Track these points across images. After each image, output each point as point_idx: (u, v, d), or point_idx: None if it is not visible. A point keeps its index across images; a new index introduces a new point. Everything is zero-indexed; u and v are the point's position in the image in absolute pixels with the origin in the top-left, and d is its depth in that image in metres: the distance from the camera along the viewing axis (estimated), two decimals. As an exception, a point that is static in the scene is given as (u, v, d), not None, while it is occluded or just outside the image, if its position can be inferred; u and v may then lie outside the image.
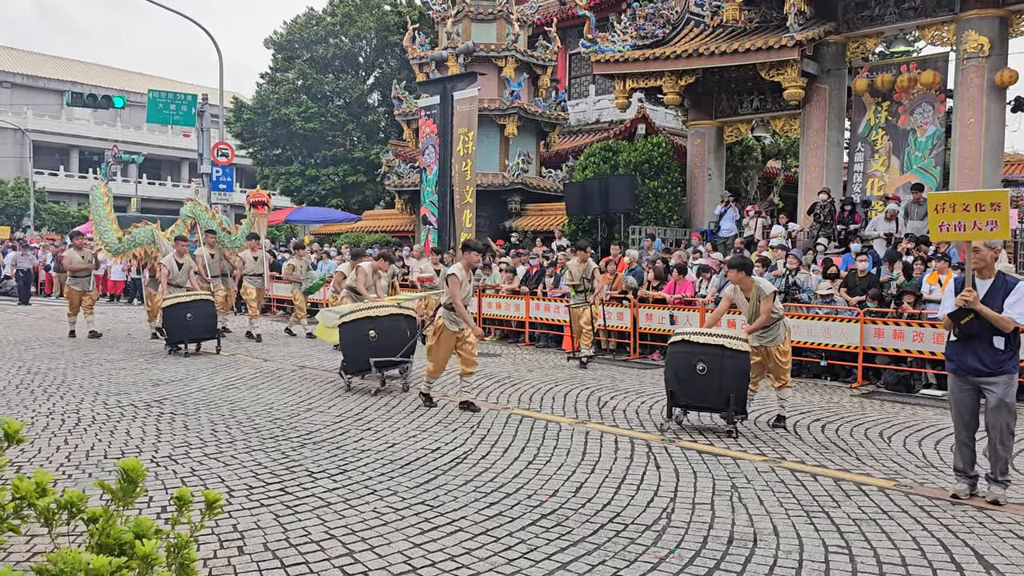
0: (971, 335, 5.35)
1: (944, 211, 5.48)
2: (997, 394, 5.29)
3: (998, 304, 5.26)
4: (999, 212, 5.25)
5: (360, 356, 9.08)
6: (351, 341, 9.13)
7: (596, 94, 28.19)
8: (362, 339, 9.01)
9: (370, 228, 28.00)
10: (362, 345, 9.02)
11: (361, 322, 9.09)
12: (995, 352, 5.29)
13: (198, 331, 12.10)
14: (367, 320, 9.10)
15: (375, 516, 4.95)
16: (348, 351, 9.24)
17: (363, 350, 9.02)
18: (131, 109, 44.72)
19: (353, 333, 9.11)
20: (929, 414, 8.77)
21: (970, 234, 5.37)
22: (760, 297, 7.59)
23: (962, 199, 5.48)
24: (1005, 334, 5.27)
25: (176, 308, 12.01)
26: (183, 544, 1.85)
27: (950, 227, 5.47)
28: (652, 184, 18.35)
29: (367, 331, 9.02)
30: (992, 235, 5.32)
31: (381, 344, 9.06)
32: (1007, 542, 4.66)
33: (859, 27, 16.03)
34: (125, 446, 6.58)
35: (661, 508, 5.20)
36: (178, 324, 11.95)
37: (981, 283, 5.40)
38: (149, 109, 23.02)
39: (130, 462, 1.91)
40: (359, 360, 9.13)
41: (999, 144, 14.87)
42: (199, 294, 12.50)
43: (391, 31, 33.44)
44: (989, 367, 5.29)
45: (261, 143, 34.99)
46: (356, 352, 9.11)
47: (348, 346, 9.20)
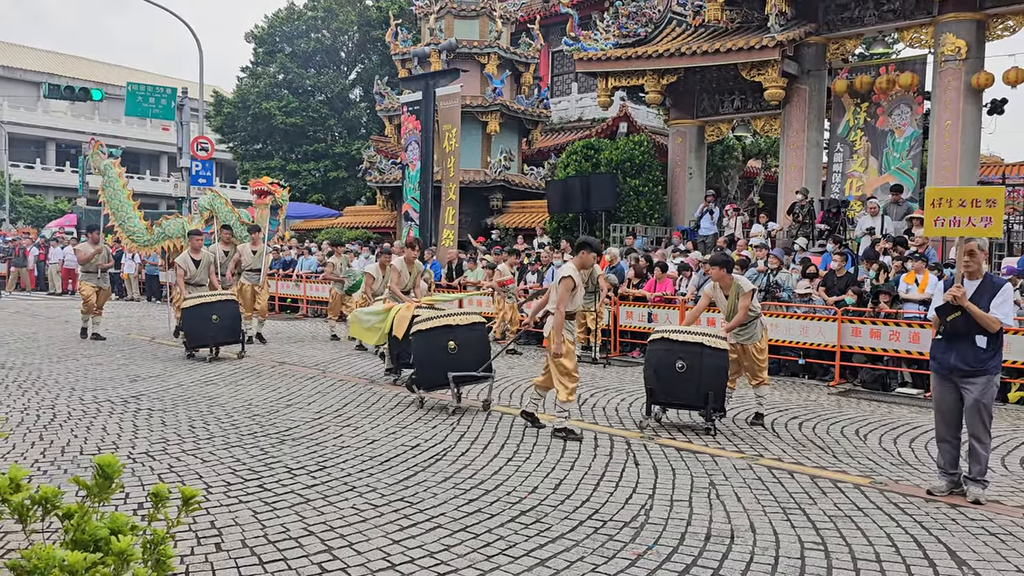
0: (955, 334, 5.41)
1: (941, 205, 5.52)
2: (974, 394, 5.36)
3: (985, 303, 5.34)
4: (994, 209, 5.31)
5: (436, 369, 7.98)
6: (426, 352, 8.03)
7: (578, 92, 28.23)
8: (439, 350, 7.96)
9: (351, 224, 27.89)
10: (439, 357, 7.94)
11: (438, 331, 8.02)
12: (977, 351, 5.36)
13: (223, 334, 11.21)
14: (445, 329, 8.04)
15: (354, 512, 4.94)
16: (422, 363, 8.09)
17: (440, 363, 7.94)
18: (109, 102, 44.26)
19: (429, 343, 7.99)
20: (904, 412, 8.88)
21: (964, 229, 5.42)
22: (739, 295, 7.66)
23: (959, 194, 5.53)
24: (988, 333, 5.35)
25: (200, 309, 11.05)
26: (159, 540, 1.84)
27: (945, 222, 5.50)
28: (633, 182, 18.42)
29: (445, 342, 7.97)
30: (986, 232, 5.36)
31: (461, 357, 8.04)
32: (979, 538, 4.73)
33: (839, 28, 16.16)
34: (101, 442, 6.52)
35: (640, 505, 5.23)
36: (201, 326, 11.05)
37: (969, 283, 5.47)
38: (128, 102, 22.78)
39: (106, 458, 1.89)
40: (435, 374, 8.03)
41: (975, 146, 15.05)
42: (223, 294, 11.65)
43: (373, 26, 33.31)
44: (971, 366, 5.37)
45: (241, 138, 34.75)
46: (432, 365, 8.00)
47: (422, 358, 8.07)
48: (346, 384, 9.59)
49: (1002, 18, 14.47)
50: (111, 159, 13.30)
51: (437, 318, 8.17)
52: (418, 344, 8.10)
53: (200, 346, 11.28)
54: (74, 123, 52.11)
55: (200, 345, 11.26)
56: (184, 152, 22.31)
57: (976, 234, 5.40)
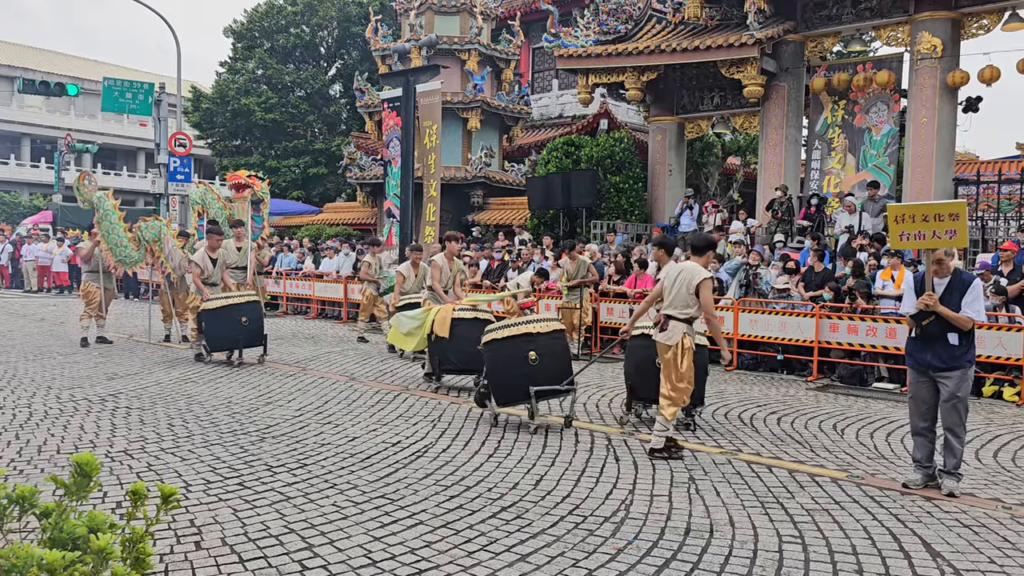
0: (929, 335, 5.52)
1: (904, 221, 5.60)
2: (950, 388, 5.44)
3: (955, 301, 5.43)
4: (958, 222, 5.39)
5: (516, 383, 7.20)
6: (503, 364, 7.24)
7: (559, 89, 28.25)
8: (519, 362, 7.17)
9: (331, 221, 27.77)
10: (520, 369, 7.16)
11: (517, 340, 7.23)
12: (951, 348, 5.45)
13: (249, 337, 10.66)
14: (525, 338, 7.24)
15: (335, 510, 4.94)
16: (498, 376, 7.30)
17: (521, 375, 7.16)
18: (85, 97, 43.75)
19: (507, 354, 7.22)
20: (881, 407, 8.98)
21: (930, 242, 5.51)
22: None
23: (921, 210, 5.61)
24: (961, 331, 5.43)
25: (225, 311, 10.43)
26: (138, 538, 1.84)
27: (910, 236, 5.59)
28: (614, 179, 18.47)
29: (525, 352, 7.19)
30: (951, 243, 5.46)
31: (544, 369, 7.23)
32: (953, 530, 4.80)
33: (817, 27, 16.29)
34: (79, 441, 6.46)
35: (620, 500, 5.26)
36: (227, 329, 10.45)
37: (939, 282, 5.56)
38: (104, 97, 22.53)
39: (84, 456, 1.89)
40: (514, 388, 7.25)
41: (951, 143, 15.22)
42: (248, 294, 11.04)
43: (353, 22, 33.16)
44: (945, 363, 5.46)
45: (220, 133, 34.48)
46: (511, 377, 7.22)
47: (499, 370, 7.28)
48: (327, 381, 9.56)
49: (977, 17, 14.64)
50: (103, 191, 12.70)
51: (515, 325, 7.34)
52: (493, 355, 7.29)
53: (223, 350, 10.73)
54: (49, 118, 51.42)
55: (224, 348, 10.70)
56: (162, 148, 22.10)
57: (942, 246, 5.49)
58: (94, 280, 12.50)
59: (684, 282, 6.41)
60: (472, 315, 9.07)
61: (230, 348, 10.72)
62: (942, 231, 5.42)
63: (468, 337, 8.63)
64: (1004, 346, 9.36)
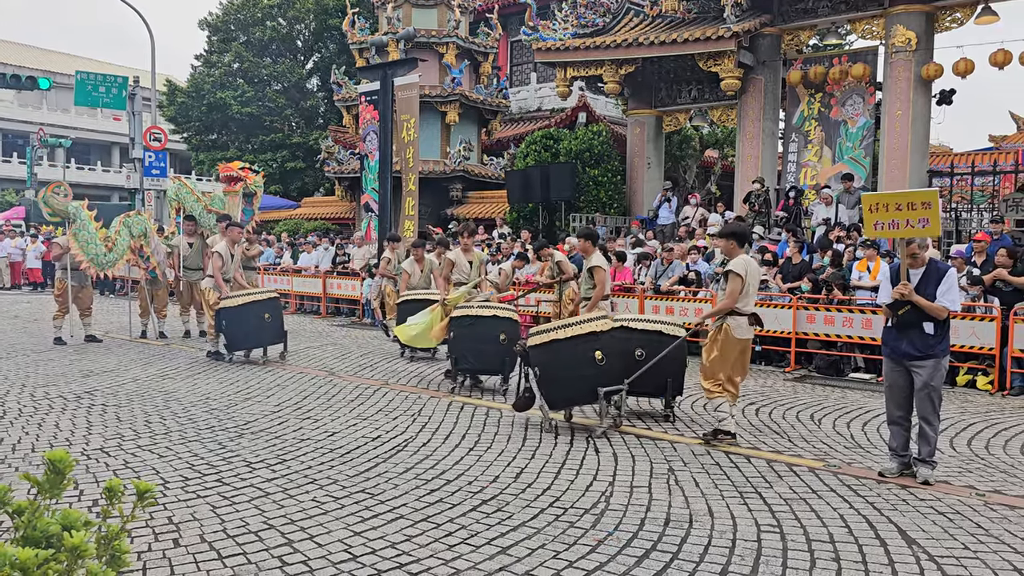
0: (906, 323, 5.57)
1: (878, 210, 5.65)
2: (923, 377, 5.51)
3: (931, 291, 5.49)
4: (930, 210, 5.44)
5: (578, 385, 6.83)
6: (564, 366, 6.81)
7: (537, 82, 28.22)
8: (585, 363, 6.79)
9: (309, 215, 27.59)
10: (585, 370, 6.77)
11: (582, 340, 6.86)
12: (926, 337, 5.51)
13: (271, 335, 10.45)
14: (590, 337, 6.87)
15: (315, 505, 4.92)
16: (557, 378, 6.85)
17: (586, 377, 6.77)
18: (58, 91, 43.19)
19: (569, 355, 6.83)
20: (858, 396, 9.07)
21: (903, 231, 5.56)
22: (590, 267, 8.34)
23: (895, 199, 5.66)
24: (936, 320, 5.49)
25: (248, 309, 10.16)
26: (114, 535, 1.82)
27: (884, 225, 5.64)
28: (593, 172, 18.50)
29: (591, 352, 6.83)
30: (924, 232, 5.51)
31: (610, 368, 6.88)
32: (928, 518, 4.86)
33: (793, 20, 16.38)
34: (54, 439, 6.39)
35: (600, 492, 5.28)
36: (249, 327, 10.19)
37: (914, 272, 5.61)
38: (77, 91, 22.25)
39: (57, 453, 1.86)
40: (575, 390, 6.90)
41: (925, 135, 15.38)
42: (269, 291, 10.92)
43: (330, 15, 32.87)
44: (920, 351, 5.52)
45: (196, 128, 34.09)
46: (572, 379, 6.81)
47: (558, 372, 6.82)
48: (306, 376, 9.52)
49: (950, 10, 14.79)
50: (78, 201, 12.21)
51: (578, 325, 6.93)
52: (552, 356, 6.84)
53: (245, 348, 10.50)
54: (21, 113, 50.69)
55: (246, 347, 10.48)
56: (137, 142, 21.88)
57: (915, 235, 5.55)
58: (68, 279, 12.13)
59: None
60: (492, 313, 8.62)
61: (252, 347, 10.48)
62: (915, 220, 5.48)
63: (485, 335, 8.43)
64: (978, 336, 9.49)
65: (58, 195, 12.09)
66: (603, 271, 8.37)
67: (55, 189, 12.19)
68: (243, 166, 13.11)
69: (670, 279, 12.31)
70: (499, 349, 8.45)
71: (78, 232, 11.78)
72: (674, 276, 12.33)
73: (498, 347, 8.44)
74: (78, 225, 11.84)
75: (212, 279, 10.79)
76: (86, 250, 11.73)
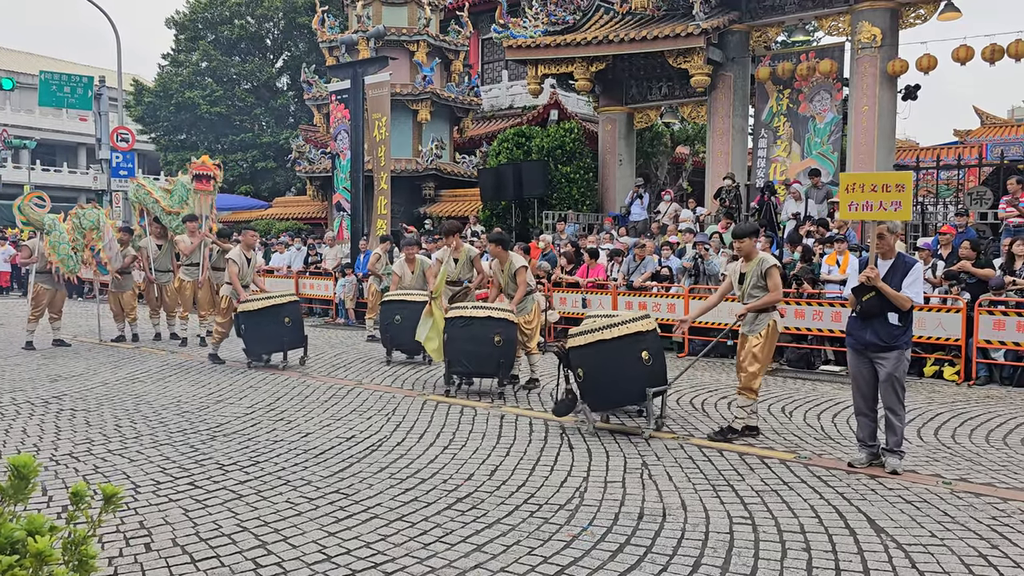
0: (870, 312, 5.63)
1: (854, 191, 5.71)
2: (887, 368, 5.59)
3: (897, 282, 5.57)
4: (903, 193, 5.52)
5: (627, 385, 6.66)
6: (613, 366, 6.62)
7: (509, 80, 28.22)
8: (632, 363, 6.61)
9: (281, 215, 27.39)
10: (632, 371, 6.61)
11: (629, 340, 6.63)
12: (891, 328, 5.59)
13: (292, 338, 10.21)
14: (637, 337, 6.66)
15: (289, 507, 4.89)
16: (606, 379, 6.66)
17: (633, 378, 6.62)
18: (21, 91, 42.39)
19: (616, 356, 6.62)
20: (828, 389, 9.19)
21: (876, 214, 5.62)
22: (513, 271, 8.54)
23: (871, 179, 5.74)
24: (900, 311, 5.58)
25: (267, 312, 9.92)
26: (80, 540, 1.80)
27: (858, 206, 5.70)
28: (565, 169, 18.55)
29: (638, 352, 6.63)
30: (895, 215, 5.57)
31: (655, 369, 6.77)
32: (896, 507, 4.94)
33: (761, 17, 16.53)
34: (22, 444, 6.30)
35: (574, 488, 5.31)
36: (270, 331, 9.96)
37: (883, 263, 5.70)
38: (41, 92, 21.92)
39: (21, 458, 1.84)
40: (623, 392, 6.74)
41: (891, 130, 15.59)
42: (288, 294, 10.66)
43: (299, 12, 32.64)
44: (884, 341, 5.59)
45: (164, 128, 33.71)
46: (619, 381, 6.65)
47: (606, 372, 6.64)
48: (279, 377, 9.46)
49: (914, 7, 15.00)
50: (54, 214, 11.92)
51: (623, 325, 6.68)
52: (596, 358, 6.63)
53: (266, 353, 10.27)
54: (-16, 114, 49.74)
55: (267, 352, 10.25)
56: (103, 143, 21.59)
57: (887, 217, 5.62)
58: (43, 283, 11.85)
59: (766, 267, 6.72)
60: (485, 313, 8.27)
61: (272, 351, 10.24)
62: (888, 202, 5.55)
63: (480, 337, 8.14)
64: (944, 327, 9.65)
65: (35, 206, 11.81)
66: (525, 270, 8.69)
67: (33, 200, 11.89)
68: (215, 162, 12.83)
69: (643, 275, 12.38)
70: (494, 351, 8.15)
71: (56, 244, 11.55)
72: (646, 272, 12.40)
73: (493, 349, 8.14)
74: (55, 237, 11.59)
75: (229, 286, 10.50)
76: (58, 252, 11.55)
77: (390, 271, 12.57)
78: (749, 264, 6.80)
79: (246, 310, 9.96)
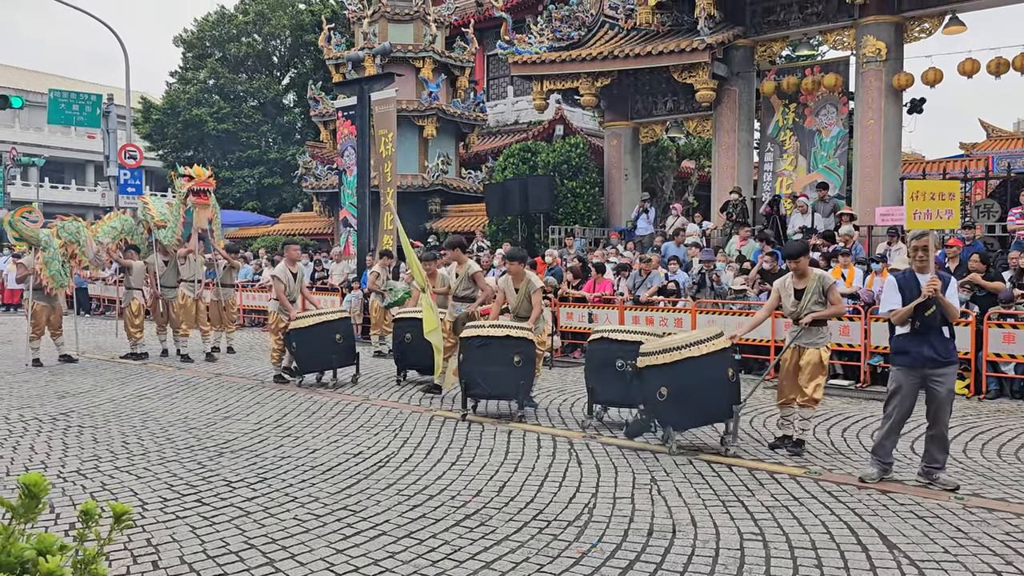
0: (929, 326, 5.50)
1: (918, 199, 5.64)
2: (947, 385, 5.54)
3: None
4: (953, 201, 5.49)
5: (714, 403, 6.55)
6: (702, 383, 6.46)
7: (514, 95, 28.34)
8: (719, 379, 6.52)
9: (287, 231, 27.47)
10: (720, 388, 6.54)
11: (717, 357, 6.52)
12: (946, 342, 5.54)
13: (344, 356, 10.08)
14: (722, 355, 6.58)
15: (296, 524, 4.88)
16: (693, 397, 6.48)
17: (721, 394, 6.55)
18: (31, 109, 42.64)
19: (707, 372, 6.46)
20: (836, 403, 9.14)
21: (934, 222, 5.57)
22: (530, 291, 8.36)
23: (932, 187, 5.69)
24: (950, 323, 5.54)
25: (319, 329, 9.80)
26: (90, 559, 1.80)
27: (921, 215, 5.64)
28: (571, 184, 18.57)
29: (724, 370, 6.57)
30: (948, 223, 5.54)
31: (737, 384, 6.78)
32: (908, 522, 4.90)
33: (766, 31, 16.58)
34: (29, 462, 6.30)
35: (583, 504, 5.28)
36: (321, 349, 9.85)
37: (922, 277, 5.63)
38: (50, 110, 22.03)
39: (32, 476, 1.84)
40: (711, 408, 6.59)
41: (897, 144, 15.59)
42: (340, 311, 10.56)
43: (306, 30, 32.88)
44: (943, 357, 5.51)
45: (172, 145, 33.90)
46: (710, 398, 6.50)
47: (694, 390, 6.44)
48: (286, 394, 9.45)
49: (919, 21, 15.03)
50: (46, 228, 11.90)
51: (711, 341, 6.54)
52: (683, 376, 6.42)
53: (317, 371, 10.13)
54: (-7, 132, 50.10)
55: (317, 369, 10.11)
56: (111, 160, 21.68)
57: (942, 226, 5.58)
58: (40, 300, 11.84)
59: None
60: (504, 333, 7.83)
61: (324, 369, 10.11)
62: (943, 211, 5.50)
63: (498, 358, 7.74)
64: (953, 340, 9.58)
65: (27, 220, 11.69)
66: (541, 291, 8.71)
67: (24, 214, 11.75)
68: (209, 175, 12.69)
69: (649, 289, 12.36)
70: (513, 372, 7.76)
71: (50, 262, 11.52)
72: (653, 287, 12.38)
73: (512, 370, 7.75)
74: (49, 253, 11.55)
75: (276, 302, 10.34)
76: (50, 268, 11.54)
77: (390, 286, 12.58)
78: (805, 281, 6.66)
79: (297, 327, 9.80)
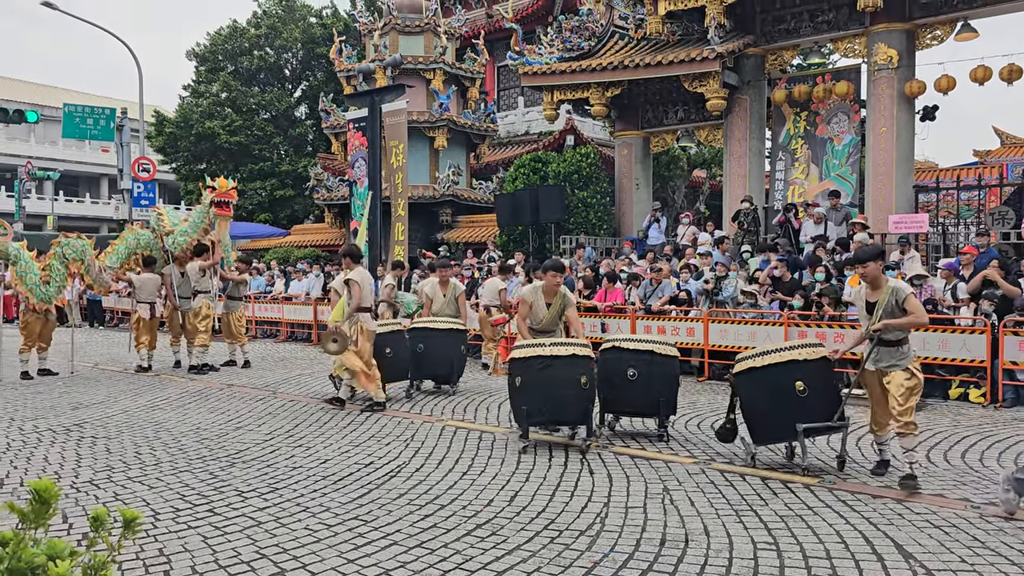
0: None
1: None
2: None
3: None
4: None
5: (778, 419, 6.21)
6: (764, 396, 6.27)
7: (525, 106, 28.41)
8: (784, 394, 6.16)
9: (299, 243, 27.58)
10: (784, 403, 6.15)
11: (781, 368, 6.22)
12: None
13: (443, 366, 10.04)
14: (791, 366, 6.21)
15: (307, 533, 4.87)
16: (757, 410, 6.36)
17: (785, 410, 6.16)
18: (46, 124, 43.14)
19: (768, 384, 6.25)
20: (850, 412, 9.04)
21: None
22: (564, 306, 7.92)
23: None
24: None
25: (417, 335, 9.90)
26: (100, 565, 1.80)
27: None
28: (581, 194, 18.58)
29: (791, 382, 6.14)
30: None
31: (812, 402, 6.18)
32: (924, 531, 4.85)
33: (777, 40, 16.56)
34: (43, 472, 6.32)
35: (595, 513, 5.25)
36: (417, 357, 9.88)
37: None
38: (65, 124, 22.28)
39: (42, 482, 1.84)
40: (777, 424, 6.27)
41: (910, 151, 15.51)
42: (452, 321, 10.26)
43: (317, 43, 33.13)
44: None
45: (184, 157, 34.17)
46: (772, 412, 6.25)
47: (758, 404, 6.34)
48: (297, 404, 9.46)
49: (930, 28, 14.98)
50: (17, 242, 11.86)
51: (778, 352, 6.32)
52: (751, 386, 6.35)
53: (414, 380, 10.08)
54: (8, 146, 50.64)
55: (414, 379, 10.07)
56: (125, 173, 21.88)
57: None
58: (31, 312, 11.82)
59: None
60: (569, 351, 7.06)
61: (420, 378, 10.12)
62: None
63: (563, 380, 6.93)
64: (968, 348, 9.51)
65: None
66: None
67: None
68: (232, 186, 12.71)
69: (660, 299, 12.33)
70: (580, 394, 6.98)
71: (24, 274, 11.46)
72: (664, 296, 12.34)
73: (579, 391, 6.97)
74: (21, 267, 11.44)
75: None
76: (28, 283, 11.47)
77: (401, 298, 12.36)
78: (878, 293, 6.16)
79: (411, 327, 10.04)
